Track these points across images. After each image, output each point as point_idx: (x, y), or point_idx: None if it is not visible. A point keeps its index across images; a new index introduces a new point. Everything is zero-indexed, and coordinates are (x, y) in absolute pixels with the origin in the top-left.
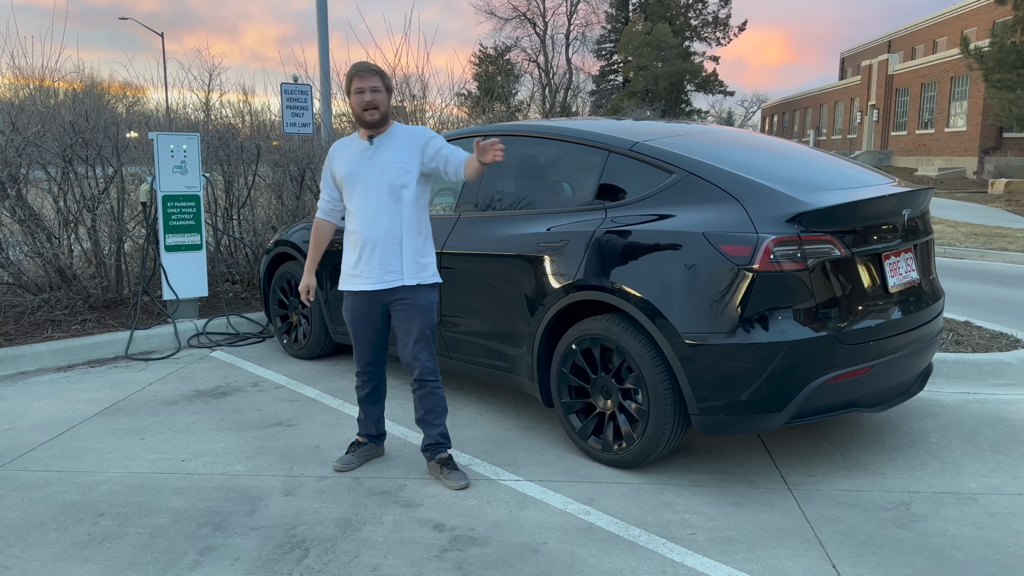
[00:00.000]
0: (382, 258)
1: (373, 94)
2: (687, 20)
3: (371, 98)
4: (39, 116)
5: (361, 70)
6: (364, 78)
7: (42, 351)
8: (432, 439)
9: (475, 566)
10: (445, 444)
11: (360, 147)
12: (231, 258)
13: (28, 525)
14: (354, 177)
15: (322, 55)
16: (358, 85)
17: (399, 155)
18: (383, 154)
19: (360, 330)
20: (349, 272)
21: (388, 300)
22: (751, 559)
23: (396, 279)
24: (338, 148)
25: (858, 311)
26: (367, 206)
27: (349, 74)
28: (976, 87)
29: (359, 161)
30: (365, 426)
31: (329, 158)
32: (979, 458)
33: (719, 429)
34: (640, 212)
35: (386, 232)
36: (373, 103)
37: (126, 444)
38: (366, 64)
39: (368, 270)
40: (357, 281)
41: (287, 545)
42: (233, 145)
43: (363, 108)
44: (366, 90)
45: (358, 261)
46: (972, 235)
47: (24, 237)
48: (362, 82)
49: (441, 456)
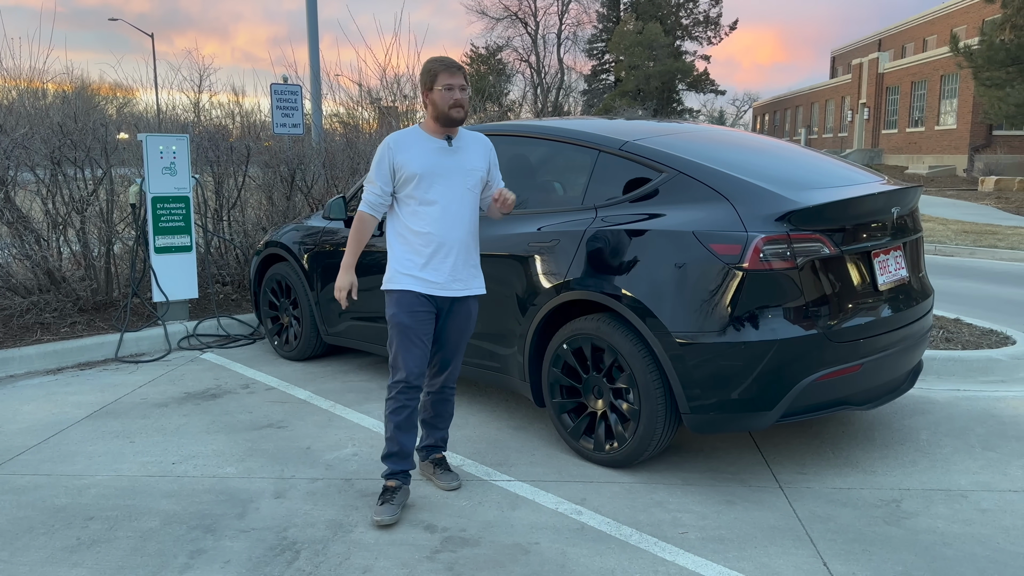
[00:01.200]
0: (455, 264)
1: (462, 93)
2: (678, 19)
3: (460, 96)
4: (27, 118)
5: (450, 66)
6: (454, 75)
7: (31, 354)
8: (432, 440)
9: (467, 567)
10: (442, 447)
11: (435, 145)
12: (221, 259)
13: (17, 529)
14: (433, 175)
15: (312, 56)
16: (447, 82)
17: (478, 162)
18: (464, 158)
19: (416, 335)
20: (409, 272)
21: (444, 306)
22: (742, 557)
23: (462, 288)
24: (404, 142)
25: (848, 309)
26: (449, 207)
27: (433, 68)
28: (966, 85)
29: (438, 159)
30: (399, 461)
31: (391, 150)
32: (969, 455)
33: (710, 428)
34: (630, 211)
35: (464, 237)
36: (461, 102)
37: (116, 447)
38: (453, 60)
39: (438, 274)
40: (419, 283)
41: (278, 547)
42: (223, 146)
43: (451, 106)
44: (456, 87)
45: (427, 263)
46: (962, 232)
47: (12, 239)
48: (452, 79)
49: (435, 456)
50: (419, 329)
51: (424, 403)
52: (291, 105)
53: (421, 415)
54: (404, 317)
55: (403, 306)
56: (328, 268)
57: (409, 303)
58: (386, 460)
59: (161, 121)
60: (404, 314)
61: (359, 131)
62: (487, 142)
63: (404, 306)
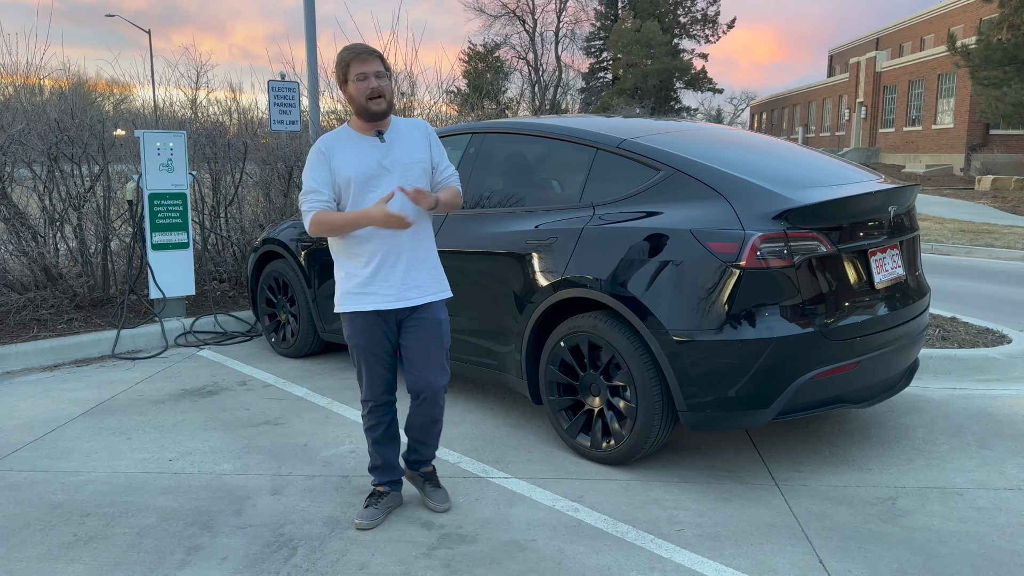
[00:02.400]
0: (406, 271)
1: (379, 80)
2: (676, 18)
3: (377, 84)
4: (24, 114)
5: (360, 52)
6: (366, 61)
7: (28, 351)
8: (420, 456)
9: (463, 564)
10: (430, 459)
11: (367, 143)
12: (218, 256)
13: (13, 526)
14: (368, 179)
15: (310, 52)
16: (360, 70)
17: (417, 153)
18: (400, 152)
19: (376, 355)
20: (358, 290)
21: (403, 316)
22: (739, 554)
23: (419, 295)
24: (335, 145)
25: (845, 307)
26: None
27: (344, 58)
28: (963, 84)
29: (371, 160)
30: (384, 472)
31: (323, 156)
32: (964, 453)
33: (707, 425)
34: (628, 209)
35: (411, 242)
36: (379, 90)
37: (113, 444)
38: (364, 46)
39: (388, 285)
40: (371, 299)
41: (275, 544)
42: (220, 143)
43: (368, 96)
44: (370, 75)
45: (374, 276)
46: (959, 231)
47: (9, 236)
48: (364, 66)
49: (424, 470)
50: (376, 348)
51: (409, 419)
52: (288, 102)
53: (408, 433)
54: (359, 338)
55: (356, 327)
56: (325, 265)
57: (362, 325)
58: (372, 472)
59: (158, 118)
60: (358, 335)
61: None
62: (424, 125)
63: (357, 327)
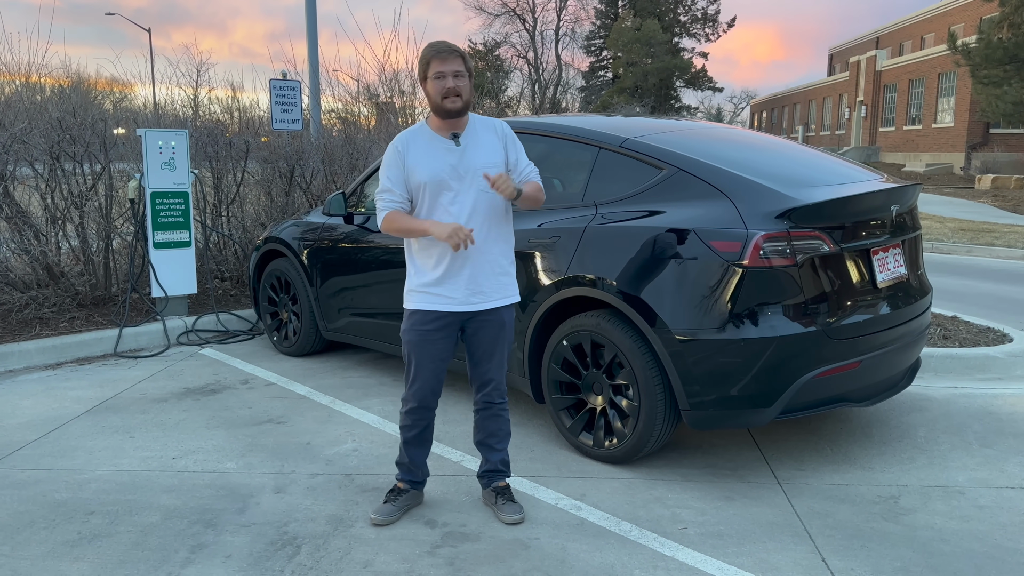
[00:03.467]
0: (471, 276)
1: (456, 79)
2: (676, 16)
3: (454, 84)
4: (26, 112)
5: (441, 51)
6: (445, 60)
7: (30, 349)
8: (491, 465)
9: (467, 562)
10: (504, 472)
11: (442, 146)
12: (220, 255)
13: (18, 524)
14: (440, 183)
15: (311, 51)
16: (438, 69)
17: (491, 157)
18: (474, 156)
19: (429, 356)
20: (423, 289)
21: (467, 319)
22: (741, 553)
23: (481, 301)
24: (410, 144)
25: (847, 306)
26: (458, 216)
27: (426, 55)
28: (963, 83)
29: (445, 164)
30: (409, 471)
31: (399, 155)
32: (966, 452)
33: (709, 424)
34: (631, 208)
35: (479, 247)
36: (456, 90)
37: (116, 442)
38: (446, 44)
39: (454, 288)
40: (436, 300)
41: (279, 542)
42: (222, 141)
43: (443, 95)
44: (447, 75)
45: (442, 277)
46: (959, 230)
47: (11, 234)
48: (443, 65)
49: (498, 484)
50: (430, 350)
51: (475, 422)
52: (290, 101)
53: (474, 437)
54: (414, 336)
55: (414, 324)
56: (328, 264)
57: (420, 321)
58: (397, 467)
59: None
60: (414, 332)
61: (357, 127)
62: (500, 126)
63: (415, 324)
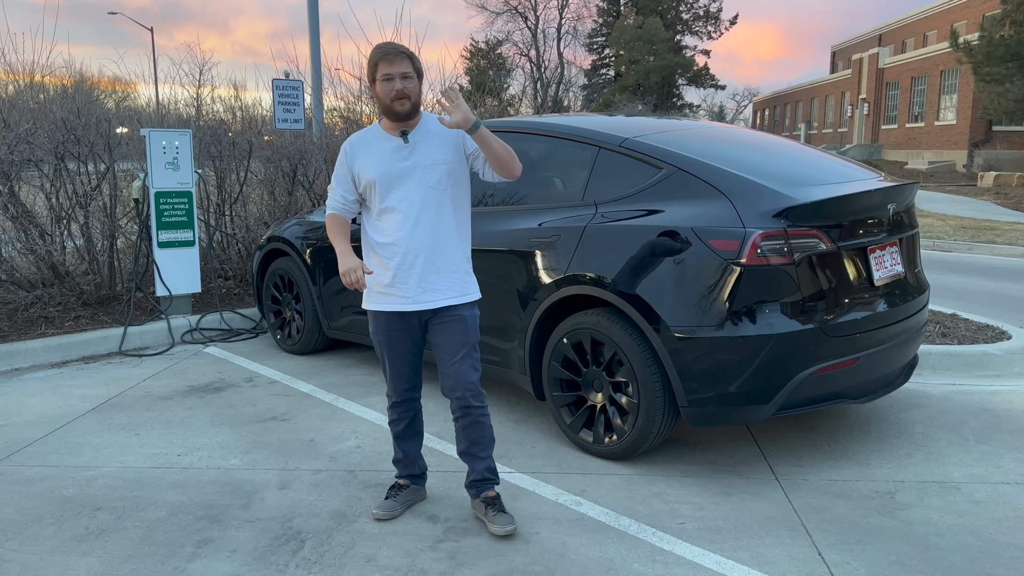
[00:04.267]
0: (422, 274)
1: (404, 81)
2: (678, 14)
3: (401, 86)
4: (30, 113)
5: (388, 52)
6: (392, 62)
7: (36, 348)
8: (478, 474)
9: (469, 556)
10: (492, 480)
11: (391, 144)
12: (224, 254)
13: (26, 519)
14: (389, 181)
15: (313, 51)
16: (385, 71)
17: (442, 154)
18: (423, 153)
19: (397, 351)
20: (379, 289)
21: (427, 317)
22: (739, 547)
23: (434, 299)
24: (359, 145)
25: (844, 304)
26: (409, 213)
27: (373, 58)
28: (966, 80)
29: (393, 162)
30: (406, 466)
31: (348, 155)
32: (963, 448)
33: (708, 420)
34: (630, 207)
35: (429, 244)
36: (403, 92)
37: (122, 439)
38: (393, 46)
39: (405, 288)
40: (390, 300)
41: (283, 537)
42: (225, 141)
43: (392, 98)
44: (395, 76)
45: (393, 276)
46: (961, 228)
47: (17, 234)
48: (390, 67)
49: (487, 495)
50: (397, 346)
51: (456, 432)
52: (292, 100)
53: (457, 447)
54: (380, 336)
55: (378, 325)
56: (330, 263)
57: (383, 323)
58: (395, 464)
59: (162, 116)
60: (380, 332)
61: (360, 126)
62: None
63: (380, 325)
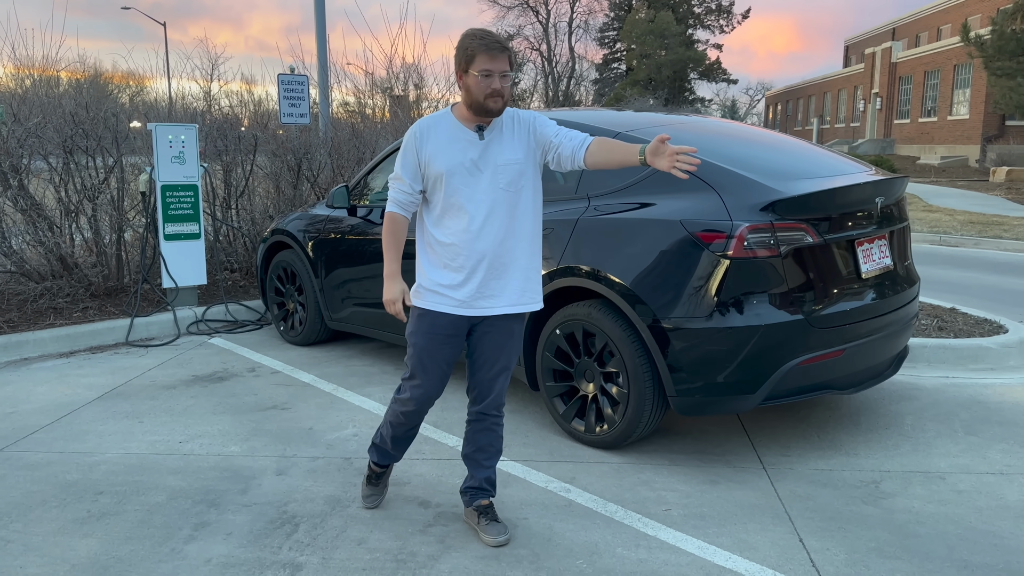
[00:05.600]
0: (484, 279)
1: (503, 80)
2: (690, 8)
3: (500, 86)
4: (40, 107)
5: (491, 46)
6: (495, 58)
7: (44, 338)
8: (476, 482)
9: (457, 539)
10: (489, 491)
11: (465, 137)
12: (229, 247)
13: (30, 502)
14: (458, 176)
15: (320, 46)
16: (486, 66)
17: (514, 154)
18: (496, 151)
19: (436, 358)
20: (432, 288)
21: (476, 322)
22: (721, 533)
23: (488, 307)
24: (430, 132)
25: (831, 296)
26: (476, 213)
27: (470, 47)
28: (979, 75)
29: (464, 156)
30: (383, 457)
31: (418, 139)
32: (951, 439)
33: (695, 410)
34: (622, 200)
35: (494, 248)
36: (501, 92)
37: (125, 427)
38: (496, 38)
39: (463, 290)
40: (444, 301)
41: (278, 521)
42: (232, 135)
43: (487, 95)
44: (495, 74)
45: (452, 277)
46: (968, 223)
47: (26, 226)
48: (492, 63)
49: (480, 503)
50: (435, 353)
51: (466, 434)
52: (298, 95)
53: (463, 449)
54: (420, 338)
55: (422, 325)
56: (332, 255)
57: (429, 322)
58: (375, 450)
59: (172, 110)
60: (421, 334)
61: (368, 119)
62: (526, 117)
63: (423, 325)
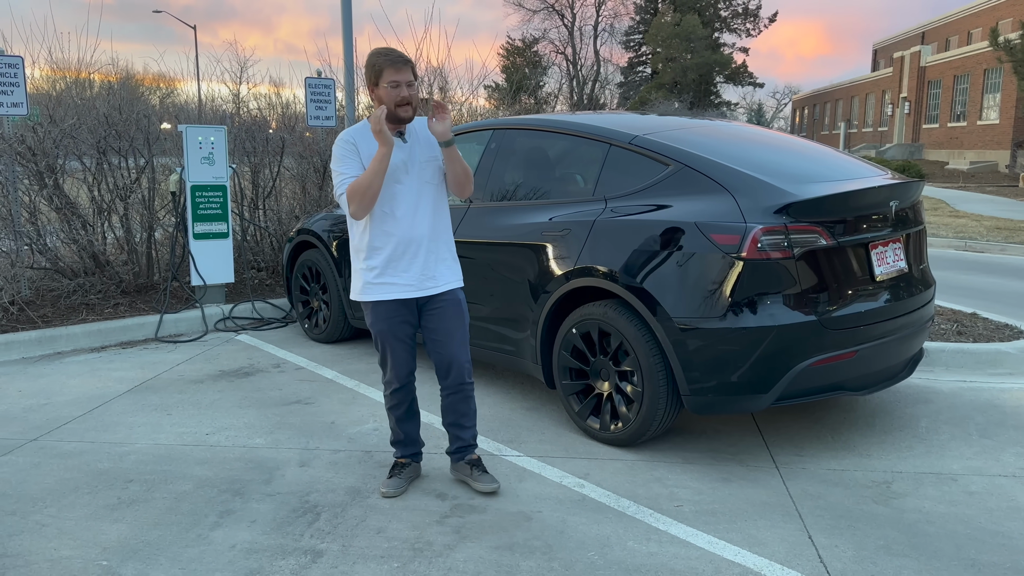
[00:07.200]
0: (425, 263)
1: (409, 89)
2: (716, 11)
3: (408, 94)
4: (75, 109)
5: (395, 60)
6: (400, 70)
7: (77, 333)
8: (463, 441)
9: (472, 530)
10: (475, 446)
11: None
12: (256, 246)
13: (64, 489)
14: (393, 176)
15: (346, 50)
16: (393, 78)
17: (432, 151)
18: (418, 151)
19: (398, 338)
20: (376, 280)
21: (423, 302)
22: (732, 529)
23: (433, 286)
24: (360, 139)
25: (844, 298)
26: (407, 206)
27: (377, 63)
28: (1009, 79)
29: (396, 159)
30: (407, 446)
31: (355, 145)
32: (965, 442)
33: (708, 409)
34: (638, 203)
35: (429, 234)
36: (409, 99)
37: (154, 419)
38: (399, 54)
39: (407, 275)
40: (391, 289)
41: (300, 509)
42: (260, 137)
43: (397, 104)
44: (402, 84)
45: (395, 266)
46: (995, 229)
47: (61, 225)
48: (398, 74)
49: (471, 457)
50: (399, 332)
51: (444, 406)
52: (324, 98)
53: (444, 419)
54: (382, 324)
55: (379, 314)
56: None
57: (384, 312)
58: (395, 446)
59: (202, 112)
60: (381, 321)
61: None
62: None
63: (380, 314)
